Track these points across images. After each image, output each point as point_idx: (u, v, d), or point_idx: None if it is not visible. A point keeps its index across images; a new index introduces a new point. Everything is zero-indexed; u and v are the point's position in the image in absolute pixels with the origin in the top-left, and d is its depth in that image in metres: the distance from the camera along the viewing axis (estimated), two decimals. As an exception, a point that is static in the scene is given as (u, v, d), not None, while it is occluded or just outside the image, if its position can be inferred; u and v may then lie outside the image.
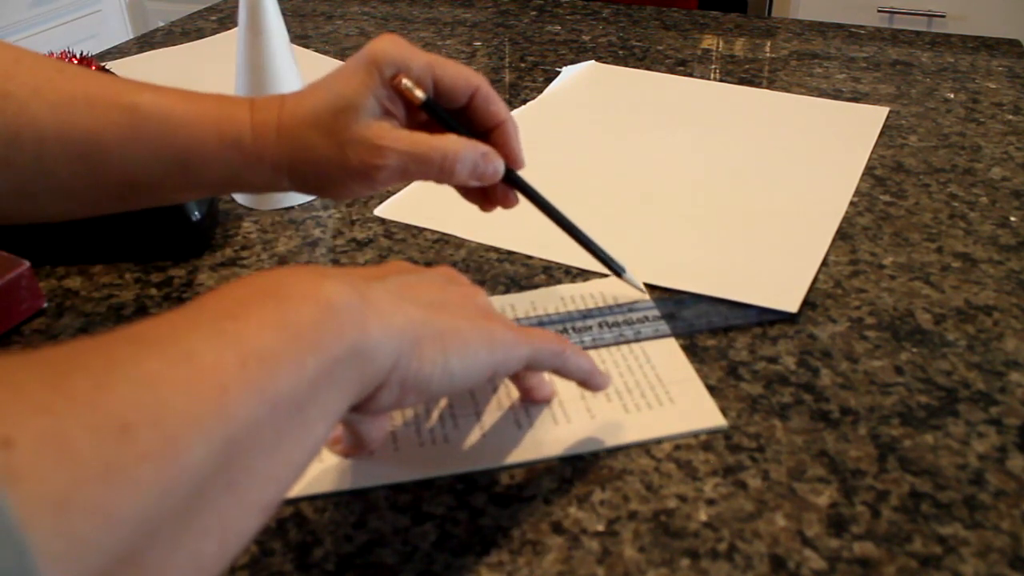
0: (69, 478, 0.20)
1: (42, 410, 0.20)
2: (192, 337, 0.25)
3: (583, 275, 0.54)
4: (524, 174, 0.47)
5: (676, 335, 0.48)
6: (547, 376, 0.43)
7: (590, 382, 0.40)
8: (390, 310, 0.31)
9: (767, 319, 0.49)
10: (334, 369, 0.28)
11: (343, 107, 0.41)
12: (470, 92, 0.44)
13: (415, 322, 0.32)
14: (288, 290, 0.28)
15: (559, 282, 0.53)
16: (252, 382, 0.25)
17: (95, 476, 0.20)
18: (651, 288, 0.52)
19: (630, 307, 0.50)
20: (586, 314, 0.50)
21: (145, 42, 0.99)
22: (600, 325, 0.49)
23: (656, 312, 0.50)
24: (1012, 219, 0.60)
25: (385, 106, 0.42)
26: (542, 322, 0.49)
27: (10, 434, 0.19)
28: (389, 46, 0.42)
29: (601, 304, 0.51)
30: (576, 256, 0.56)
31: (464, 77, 0.43)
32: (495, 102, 0.44)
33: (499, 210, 0.48)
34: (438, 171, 0.42)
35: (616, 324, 0.49)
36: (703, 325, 0.49)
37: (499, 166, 0.44)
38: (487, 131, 0.45)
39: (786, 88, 0.83)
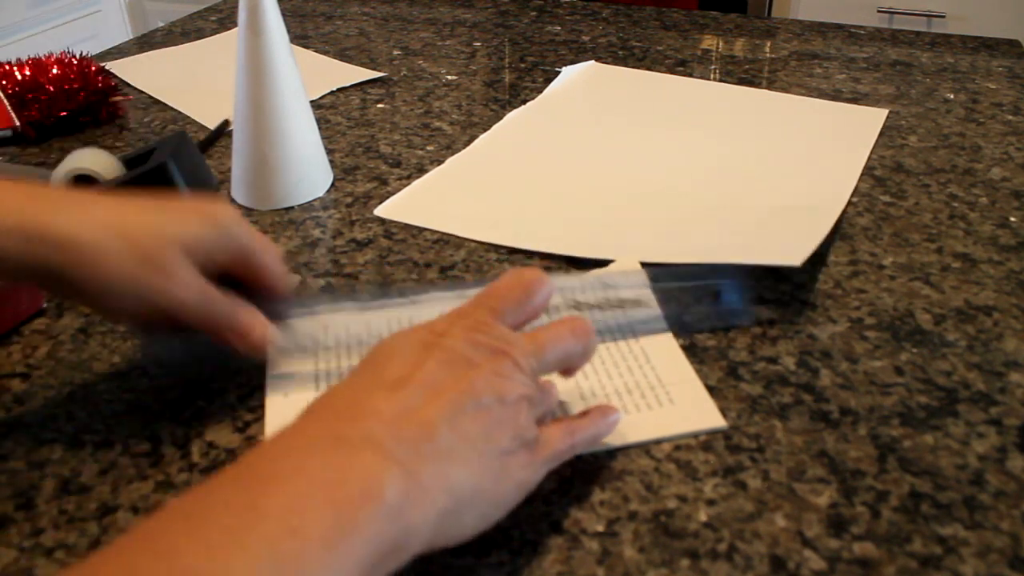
0: None
1: None
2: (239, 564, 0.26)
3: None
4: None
5: (673, 330, 0.48)
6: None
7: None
8: (435, 488, 0.31)
9: (766, 319, 0.49)
10: (370, 571, 0.29)
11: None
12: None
13: (458, 495, 0.32)
14: (352, 486, 0.29)
15: (559, 282, 0.53)
16: None
17: None
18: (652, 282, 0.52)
19: (630, 302, 0.50)
20: (578, 307, 0.50)
21: (145, 42, 0.99)
22: (595, 317, 0.49)
23: (654, 303, 0.50)
24: (1012, 219, 0.60)
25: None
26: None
27: None
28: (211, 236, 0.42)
29: (599, 295, 0.51)
30: (575, 256, 0.56)
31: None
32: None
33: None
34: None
35: (612, 312, 0.49)
36: (701, 321, 0.49)
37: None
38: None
39: (786, 88, 0.83)
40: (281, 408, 0.43)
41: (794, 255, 0.50)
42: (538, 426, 0.36)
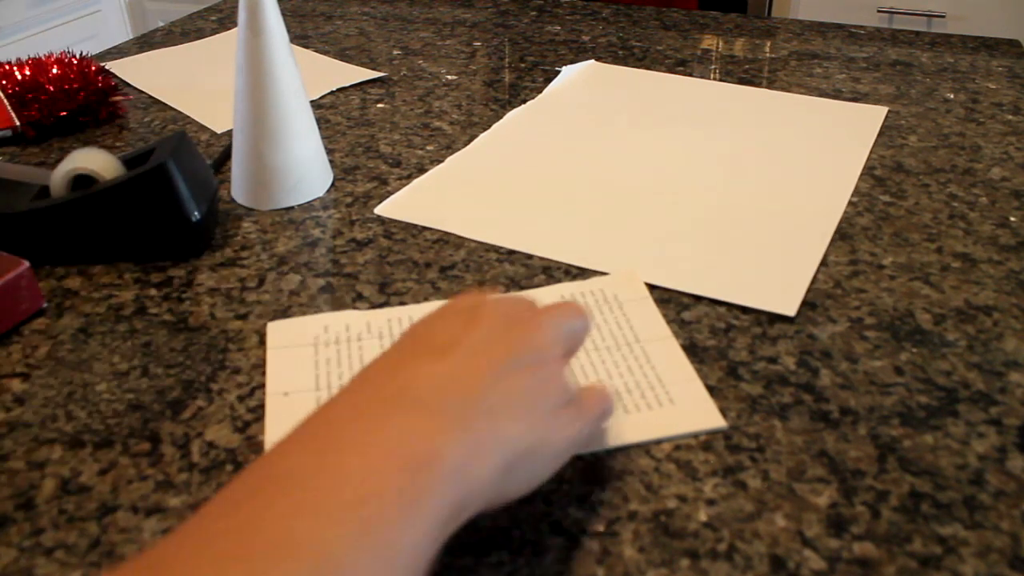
0: None
1: None
2: (328, 531, 0.26)
3: (583, 274, 0.54)
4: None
5: (676, 335, 0.48)
6: None
7: None
8: (491, 445, 0.31)
9: (766, 319, 0.49)
10: (439, 531, 0.29)
11: None
12: None
13: (513, 451, 0.32)
14: (414, 449, 0.29)
15: (559, 282, 0.53)
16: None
17: None
18: (651, 288, 0.52)
19: (629, 306, 0.50)
20: None
21: (145, 42, 0.99)
22: (598, 326, 0.49)
23: (655, 311, 0.50)
24: (1012, 219, 0.60)
25: None
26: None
27: None
28: None
29: (600, 302, 0.51)
30: (576, 256, 0.56)
31: None
32: None
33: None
34: None
35: (616, 322, 0.49)
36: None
37: None
38: None
39: (786, 88, 0.83)
40: (281, 408, 0.43)
41: (787, 303, 0.51)
42: None
